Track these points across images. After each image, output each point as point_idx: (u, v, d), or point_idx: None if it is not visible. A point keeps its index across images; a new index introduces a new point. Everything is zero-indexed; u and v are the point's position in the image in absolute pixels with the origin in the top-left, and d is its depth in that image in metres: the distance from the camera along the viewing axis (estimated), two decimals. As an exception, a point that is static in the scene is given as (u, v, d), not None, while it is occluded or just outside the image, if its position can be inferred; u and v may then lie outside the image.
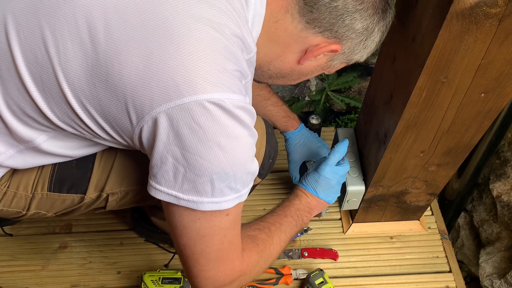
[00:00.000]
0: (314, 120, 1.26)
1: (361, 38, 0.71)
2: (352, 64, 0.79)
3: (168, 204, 0.66)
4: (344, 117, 1.65)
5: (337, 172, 0.96)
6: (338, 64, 0.78)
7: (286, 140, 1.20)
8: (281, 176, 1.39)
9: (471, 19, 0.63)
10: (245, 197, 0.69)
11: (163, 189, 0.65)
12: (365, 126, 1.09)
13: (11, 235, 1.27)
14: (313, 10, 0.67)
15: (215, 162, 0.61)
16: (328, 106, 1.65)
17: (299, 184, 0.98)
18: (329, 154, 0.97)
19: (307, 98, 1.58)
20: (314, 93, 1.55)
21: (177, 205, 0.65)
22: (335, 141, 1.20)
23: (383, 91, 0.95)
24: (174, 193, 0.64)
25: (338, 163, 0.98)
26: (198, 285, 0.73)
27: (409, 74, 0.77)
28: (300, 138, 1.18)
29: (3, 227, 1.25)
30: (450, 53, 0.68)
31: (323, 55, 0.73)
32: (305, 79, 0.81)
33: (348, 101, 1.51)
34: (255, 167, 0.69)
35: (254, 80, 0.79)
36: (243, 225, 0.78)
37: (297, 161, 1.19)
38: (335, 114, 1.70)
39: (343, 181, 1.00)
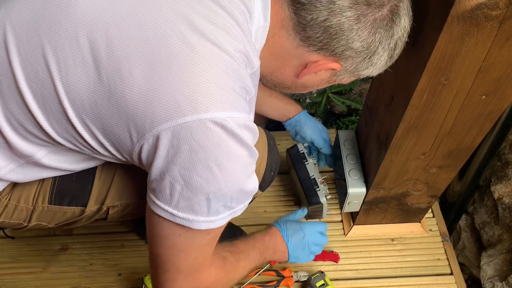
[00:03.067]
0: (315, 122, 1.26)
1: (363, 56, 0.67)
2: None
3: (160, 218, 0.65)
4: (345, 119, 1.65)
5: (317, 240, 1.02)
6: (346, 79, 0.74)
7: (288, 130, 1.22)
8: (282, 178, 1.39)
9: (472, 21, 0.63)
10: (239, 213, 0.69)
11: (160, 204, 0.64)
12: (366, 128, 1.09)
13: (12, 237, 1.27)
14: (307, 28, 0.64)
15: (213, 182, 0.61)
16: (329, 108, 1.65)
17: (275, 224, 1.02)
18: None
19: (308, 100, 1.59)
20: (315, 95, 1.55)
21: (172, 222, 0.64)
22: (336, 143, 1.20)
23: (384, 93, 0.95)
24: (170, 210, 0.63)
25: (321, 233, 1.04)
26: None
27: (410, 76, 0.77)
28: (296, 125, 1.20)
29: (4, 230, 1.25)
30: (451, 55, 0.68)
31: (324, 71, 0.71)
32: (312, 90, 0.80)
33: (349, 103, 1.51)
34: (253, 185, 0.68)
35: (263, 84, 0.79)
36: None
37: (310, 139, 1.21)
38: (336, 116, 1.70)
39: (315, 253, 1.05)
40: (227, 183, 0.62)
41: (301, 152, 1.20)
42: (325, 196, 1.16)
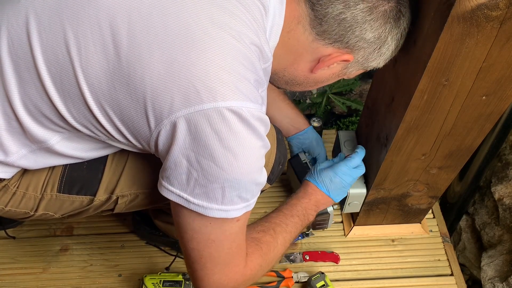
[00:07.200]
0: (315, 123, 1.26)
1: (374, 47, 0.71)
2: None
3: (178, 206, 0.67)
4: (345, 120, 1.65)
5: (352, 175, 0.99)
6: (354, 71, 0.78)
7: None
8: (282, 179, 1.39)
9: (472, 22, 0.63)
10: (252, 206, 0.70)
11: (175, 190, 0.65)
12: (366, 128, 1.09)
13: (14, 237, 1.27)
14: (322, 22, 0.68)
15: (228, 170, 0.62)
16: (330, 109, 1.65)
17: (311, 180, 0.99)
18: (350, 156, 1.00)
19: (308, 101, 1.59)
20: (315, 95, 1.55)
21: (187, 208, 0.66)
22: (337, 143, 1.20)
23: (384, 94, 0.95)
24: (185, 195, 0.65)
25: (356, 167, 1.00)
26: None
27: (410, 77, 0.77)
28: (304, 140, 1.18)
29: (6, 230, 1.25)
30: (451, 56, 0.68)
31: (336, 64, 0.74)
32: (323, 85, 0.82)
33: (350, 104, 1.51)
34: (264, 177, 0.70)
35: (273, 85, 0.80)
36: (247, 226, 0.78)
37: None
38: (337, 116, 1.70)
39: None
40: (242, 172, 0.63)
41: (303, 161, 1.18)
42: (332, 206, 1.13)
